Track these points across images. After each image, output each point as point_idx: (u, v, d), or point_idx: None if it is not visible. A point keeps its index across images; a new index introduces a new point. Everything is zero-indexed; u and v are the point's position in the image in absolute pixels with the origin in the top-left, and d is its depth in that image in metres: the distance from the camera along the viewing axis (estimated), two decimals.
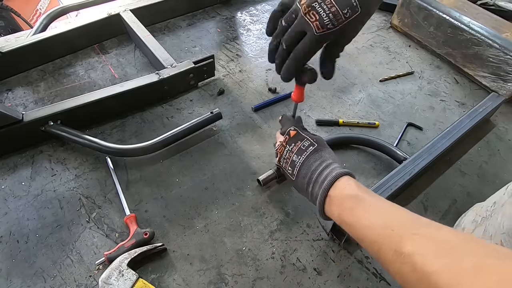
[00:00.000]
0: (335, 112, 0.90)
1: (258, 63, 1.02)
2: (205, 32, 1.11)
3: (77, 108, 0.76)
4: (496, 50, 0.90)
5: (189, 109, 0.88)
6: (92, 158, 0.75)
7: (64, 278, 0.58)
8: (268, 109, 0.89)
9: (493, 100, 0.87)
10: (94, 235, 0.64)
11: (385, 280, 0.61)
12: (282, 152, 0.57)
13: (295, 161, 0.54)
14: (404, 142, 0.84)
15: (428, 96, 0.96)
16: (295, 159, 0.54)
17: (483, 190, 0.76)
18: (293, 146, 0.55)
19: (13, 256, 0.61)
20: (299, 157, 0.54)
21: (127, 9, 1.02)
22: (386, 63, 1.05)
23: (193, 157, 0.77)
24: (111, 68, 0.97)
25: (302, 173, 0.53)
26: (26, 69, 0.94)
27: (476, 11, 1.01)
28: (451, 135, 0.77)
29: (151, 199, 0.70)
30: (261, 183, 0.71)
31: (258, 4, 1.25)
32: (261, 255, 0.63)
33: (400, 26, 1.15)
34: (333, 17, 0.43)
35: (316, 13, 0.43)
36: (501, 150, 0.85)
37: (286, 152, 0.56)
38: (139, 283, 0.56)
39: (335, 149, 0.81)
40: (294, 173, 0.54)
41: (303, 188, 0.53)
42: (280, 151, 0.57)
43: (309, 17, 0.44)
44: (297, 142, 0.55)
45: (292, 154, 0.55)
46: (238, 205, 0.70)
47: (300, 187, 0.54)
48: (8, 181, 0.71)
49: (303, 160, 0.53)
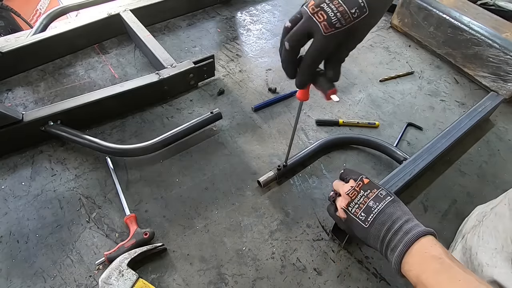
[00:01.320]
0: (335, 112, 0.90)
1: (258, 63, 1.02)
2: (205, 32, 1.11)
3: (77, 108, 0.76)
4: (496, 50, 0.90)
5: (189, 109, 0.88)
6: (92, 158, 0.75)
7: (64, 278, 0.58)
8: (268, 109, 0.89)
9: (492, 99, 0.87)
10: (94, 235, 0.64)
11: (385, 280, 0.61)
12: (355, 196, 0.54)
13: (371, 207, 0.52)
14: (404, 142, 0.84)
15: (428, 96, 0.96)
16: (371, 205, 0.52)
17: (483, 190, 0.76)
18: (369, 192, 0.54)
19: (13, 256, 0.61)
20: (377, 204, 0.52)
21: (127, 9, 1.02)
22: (386, 63, 1.05)
23: (193, 157, 0.77)
24: (111, 68, 0.97)
25: (381, 220, 0.50)
26: (26, 69, 0.94)
27: (476, 11, 1.01)
28: (451, 135, 0.77)
29: (151, 199, 0.70)
30: (261, 185, 0.71)
31: (258, 4, 1.25)
32: (261, 255, 0.63)
33: (400, 26, 1.15)
34: (341, 16, 0.43)
35: (324, 13, 0.43)
36: (501, 150, 0.85)
37: (361, 197, 0.54)
38: (139, 283, 0.56)
39: (335, 149, 0.81)
40: (369, 219, 0.51)
41: (378, 235, 0.50)
42: (353, 196, 0.55)
43: (317, 17, 0.44)
44: (373, 189, 0.54)
45: (368, 200, 0.53)
46: (238, 205, 0.70)
47: (374, 234, 0.51)
48: (8, 181, 0.71)
49: (382, 207, 0.51)
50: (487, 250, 0.53)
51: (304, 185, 0.74)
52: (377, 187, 0.55)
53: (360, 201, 0.54)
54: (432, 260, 0.44)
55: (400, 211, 0.51)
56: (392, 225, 0.49)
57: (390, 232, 0.49)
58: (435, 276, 0.43)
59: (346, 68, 1.01)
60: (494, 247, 0.52)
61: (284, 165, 0.72)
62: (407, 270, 0.46)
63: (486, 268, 0.51)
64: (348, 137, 0.82)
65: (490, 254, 0.52)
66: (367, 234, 0.52)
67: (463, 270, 0.42)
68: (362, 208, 0.53)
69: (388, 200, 0.52)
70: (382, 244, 0.50)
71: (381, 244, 0.50)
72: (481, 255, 0.54)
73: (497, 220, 0.54)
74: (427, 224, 0.49)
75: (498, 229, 0.53)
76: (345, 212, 0.55)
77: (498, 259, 0.50)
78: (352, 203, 0.54)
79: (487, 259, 0.52)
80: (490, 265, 0.51)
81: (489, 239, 0.53)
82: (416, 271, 0.45)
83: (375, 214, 0.51)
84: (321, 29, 0.44)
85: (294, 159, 0.74)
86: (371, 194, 0.54)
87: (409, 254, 0.46)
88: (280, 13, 1.21)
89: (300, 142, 0.82)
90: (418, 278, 0.44)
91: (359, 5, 0.43)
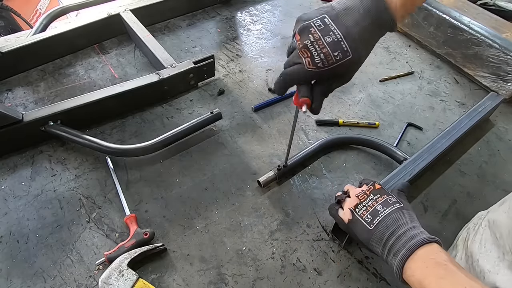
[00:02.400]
0: (335, 112, 0.90)
1: (258, 63, 1.02)
2: (205, 32, 1.11)
3: (77, 108, 0.76)
4: (496, 50, 0.90)
5: (189, 109, 0.88)
6: (92, 158, 0.75)
7: (64, 278, 0.58)
8: (268, 109, 0.89)
9: (492, 99, 0.87)
10: (94, 235, 0.64)
11: (385, 280, 0.61)
12: (364, 199, 0.55)
13: (378, 211, 0.52)
14: (404, 142, 0.84)
15: (428, 96, 0.96)
16: (379, 209, 0.52)
17: (483, 190, 0.76)
18: (378, 197, 0.54)
19: (13, 256, 0.61)
20: (385, 208, 0.52)
21: (127, 9, 1.02)
22: (386, 63, 1.05)
23: (193, 157, 0.77)
24: (111, 68, 0.97)
25: (386, 224, 0.50)
26: (26, 69, 0.94)
27: (476, 11, 1.01)
28: (451, 135, 0.77)
29: (151, 199, 0.70)
30: (261, 185, 0.71)
31: (258, 4, 1.24)
32: (261, 255, 0.63)
33: (400, 26, 1.15)
34: (324, 57, 0.46)
35: (308, 51, 0.47)
36: (501, 150, 0.85)
37: (369, 200, 0.54)
38: (139, 283, 0.56)
39: (335, 149, 0.81)
40: (375, 221, 0.51)
41: (381, 239, 0.50)
42: (362, 198, 0.55)
43: (302, 53, 0.48)
44: (383, 195, 0.55)
45: (376, 204, 0.53)
46: (238, 205, 0.70)
47: (377, 237, 0.51)
48: (8, 181, 0.71)
49: (389, 212, 0.51)
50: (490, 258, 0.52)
51: (304, 185, 0.74)
52: (387, 194, 0.55)
53: (368, 203, 0.54)
54: (436, 266, 0.43)
55: (407, 218, 0.51)
56: (396, 229, 0.49)
57: (393, 236, 0.49)
58: (439, 282, 0.42)
59: None
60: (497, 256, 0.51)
61: (284, 165, 0.72)
62: (410, 275, 0.45)
63: (488, 275, 0.51)
64: (348, 137, 0.82)
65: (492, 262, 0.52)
66: (370, 237, 0.52)
67: (468, 277, 0.41)
68: (370, 211, 0.53)
69: (396, 206, 0.52)
70: (384, 248, 0.50)
71: (383, 248, 0.50)
72: (482, 262, 0.53)
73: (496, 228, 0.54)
74: (427, 224, 0.49)
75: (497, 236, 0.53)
76: (352, 213, 0.55)
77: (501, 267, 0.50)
78: (360, 205, 0.55)
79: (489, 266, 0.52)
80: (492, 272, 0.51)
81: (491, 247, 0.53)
82: (418, 276, 0.44)
83: (381, 217, 0.51)
84: (305, 64, 0.48)
85: (294, 159, 0.74)
86: (380, 198, 0.54)
87: (412, 259, 0.46)
88: (280, 13, 1.21)
89: (300, 142, 0.82)
90: (421, 283, 0.43)
91: (342, 49, 0.46)
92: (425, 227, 0.50)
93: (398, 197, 0.55)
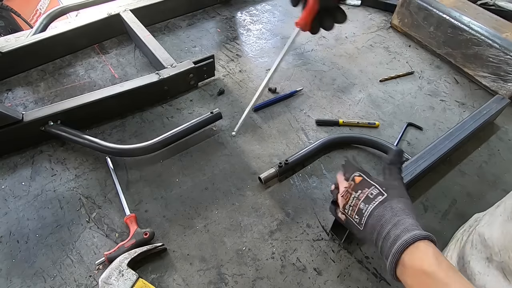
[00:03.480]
0: (335, 112, 0.90)
1: (258, 63, 1.02)
2: (205, 32, 1.11)
3: (77, 108, 0.76)
4: (496, 50, 0.90)
5: (189, 109, 0.88)
6: (92, 158, 0.75)
7: (64, 278, 0.58)
8: (268, 109, 0.89)
9: (497, 102, 0.86)
10: (94, 235, 0.64)
11: (385, 280, 0.61)
12: (348, 198, 0.53)
13: (362, 210, 0.50)
14: (404, 142, 0.84)
15: (428, 96, 0.96)
16: (362, 207, 0.50)
17: (483, 190, 0.76)
18: (360, 193, 0.52)
19: (13, 256, 0.61)
20: (367, 206, 0.50)
21: (127, 9, 1.02)
22: (386, 63, 1.05)
23: (193, 157, 0.77)
24: (111, 68, 0.97)
25: (370, 224, 0.49)
26: (26, 69, 0.94)
27: (476, 11, 1.01)
28: (454, 136, 0.77)
29: (151, 199, 0.70)
30: (262, 181, 0.71)
31: (258, 4, 1.24)
32: (261, 255, 0.63)
33: (400, 26, 1.15)
34: None
35: None
36: (501, 150, 0.85)
37: (353, 199, 0.52)
38: (139, 283, 0.56)
39: (335, 149, 0.81)
40: (362, 222, 0.50)
41: (372, 240, 0.49)
42: (346, 198, 0.53)
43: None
44: (364, 189, 0.52)
45: (359, 202, 0.51)
46: (238, 205, 0.70)
47: (368, 238, 0.50)
48: (8, 181, 0.71)
49: (371, 210, 0.49)
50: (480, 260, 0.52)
51: (304, 185, 0.74)
52: (368, 185, 0.52)
53: (352, 203, 0.52)
54: (424, 276, 0.41)
55: (390, 212, 0.48)
56: (380, 230, 0.47)
57: (380, 238, 0.47)
58: None
59: (346, 68, 1.01)
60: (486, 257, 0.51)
61: (286, 162, 0.72)
62: (402, 281, 0.45)
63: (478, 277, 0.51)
64: (348, 137, 0.82)
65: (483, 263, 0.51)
66: (363, 236, 0.51)
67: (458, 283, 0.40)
68: (356, 211, 0.51)
69: (378, 200, 0.50)
70: (377, 249, 0.49)
71: (377, 249, 0.49)
72: (473, 263, 0.53)
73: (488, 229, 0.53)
74: (427, 224, 0.49)
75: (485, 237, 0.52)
76: (343, 214, 0.55)
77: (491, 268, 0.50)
78: (347, 205, 0.53)
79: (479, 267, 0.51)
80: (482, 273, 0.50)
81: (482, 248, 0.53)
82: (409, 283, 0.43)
83: (365, 217, 0.50)
84: None
85: (294, 158, 0.74)
86: (362, 195, 0.52)
87: (400, 264, 0.44)
88: (280, 13, 1.21)
89: (300, 142, 0.82)
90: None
91: None
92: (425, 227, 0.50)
93: (380, 185, 0.52)
